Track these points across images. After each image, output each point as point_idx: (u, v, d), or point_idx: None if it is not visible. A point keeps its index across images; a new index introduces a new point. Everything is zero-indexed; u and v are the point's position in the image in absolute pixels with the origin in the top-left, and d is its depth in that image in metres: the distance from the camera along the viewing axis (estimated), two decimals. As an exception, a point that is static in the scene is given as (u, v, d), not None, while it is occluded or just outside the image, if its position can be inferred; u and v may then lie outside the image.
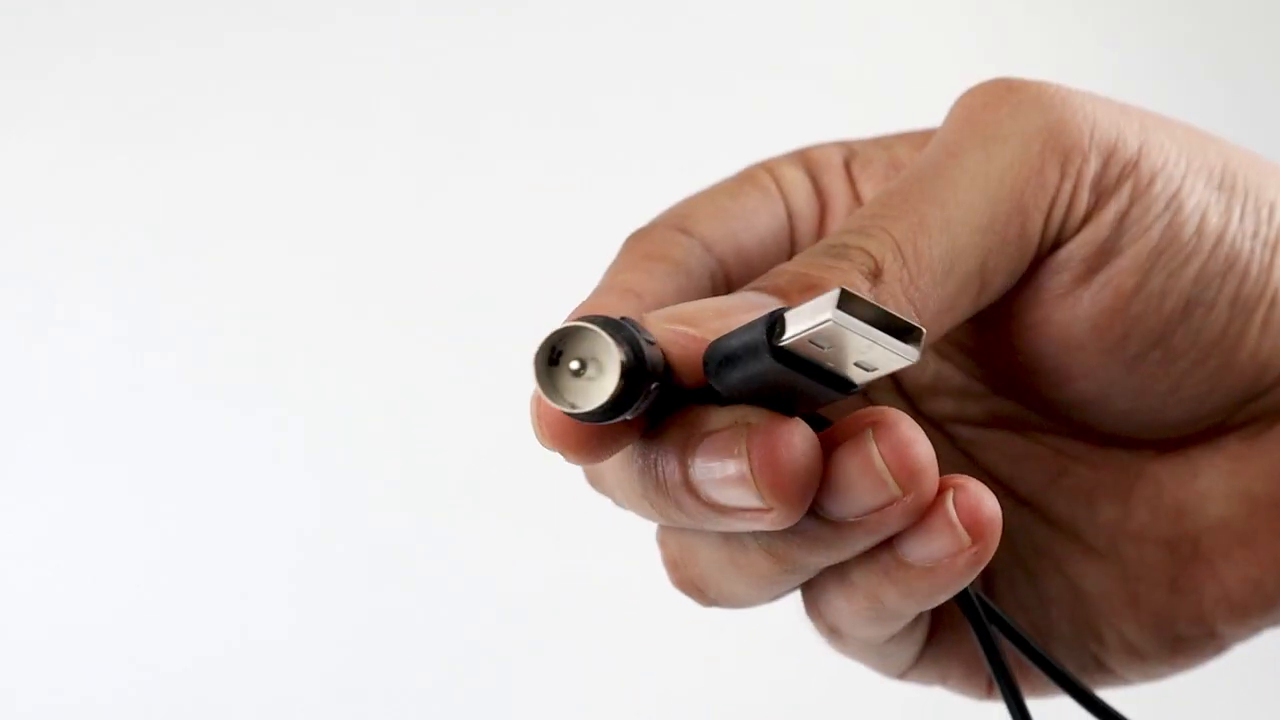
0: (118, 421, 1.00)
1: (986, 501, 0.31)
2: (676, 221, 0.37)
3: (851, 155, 0.39)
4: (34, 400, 1.00)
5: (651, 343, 0.30)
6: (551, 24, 1.07)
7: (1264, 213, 0.36)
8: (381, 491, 1.00)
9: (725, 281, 0.37)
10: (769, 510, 0.30)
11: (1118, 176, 0.34)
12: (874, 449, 0.30)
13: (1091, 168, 0.34)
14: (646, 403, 0.30)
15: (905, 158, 0.38)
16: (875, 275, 0.32)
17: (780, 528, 0.31)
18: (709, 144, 1.02)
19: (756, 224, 0.38)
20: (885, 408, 0.31)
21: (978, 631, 0.35)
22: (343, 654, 0.98)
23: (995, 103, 0.34)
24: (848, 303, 0.27)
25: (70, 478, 1.00)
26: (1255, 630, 0.39)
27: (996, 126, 0.34)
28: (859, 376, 0.29)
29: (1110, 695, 0.38)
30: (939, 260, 0.32)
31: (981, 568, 0.31)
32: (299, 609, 0.99)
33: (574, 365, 0.29)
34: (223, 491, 1.00)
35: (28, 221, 1.02)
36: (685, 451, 0.31)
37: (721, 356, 0.30)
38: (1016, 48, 1.07)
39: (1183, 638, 0.39)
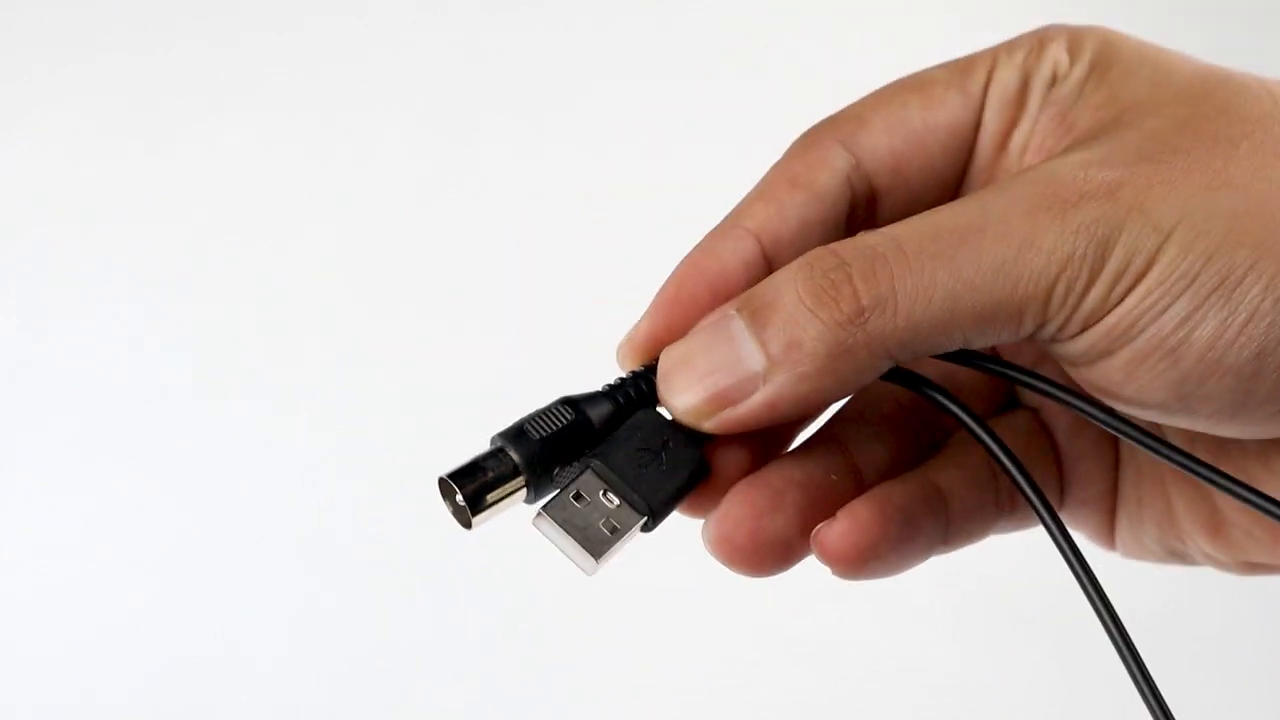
0: (118, 421, 1.00)
1: (830, 543, 0.37)
2: (845, 130, 0.39)
3: (1053, 83, 0.39)
4: (35, 400, 1.00)
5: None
6: (570, 20, 1.07)
7: None
8: (384, 492, 1.00)
9: (867, 204, 0.40)
10: None
11: (1124, 292, 0.35)
12: (706, 537, 0.38)
13: (1093, 297, 0.35)
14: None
15: (1079, 121, 0.39)
16: (859, 318, 0.35)
17: None
18: (737, 145, 1.02)
19: (929, 141, 0.40)
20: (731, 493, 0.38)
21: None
22: (345, 654, 0.98)
23: (1055, 207, 0.35)
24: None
25: (71, 478, 1.00)
26: None
27: (1041, 233, 0.35)
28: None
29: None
30: (924, 323, 0.35)
31: (853, 576, 0.37)
32: (301, 608, 0.99)
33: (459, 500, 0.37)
34: (227, 491, 1.00)
35: (28, 221, 1.02)
36: None
37: None
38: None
39: (1259, 564, 0.42)
